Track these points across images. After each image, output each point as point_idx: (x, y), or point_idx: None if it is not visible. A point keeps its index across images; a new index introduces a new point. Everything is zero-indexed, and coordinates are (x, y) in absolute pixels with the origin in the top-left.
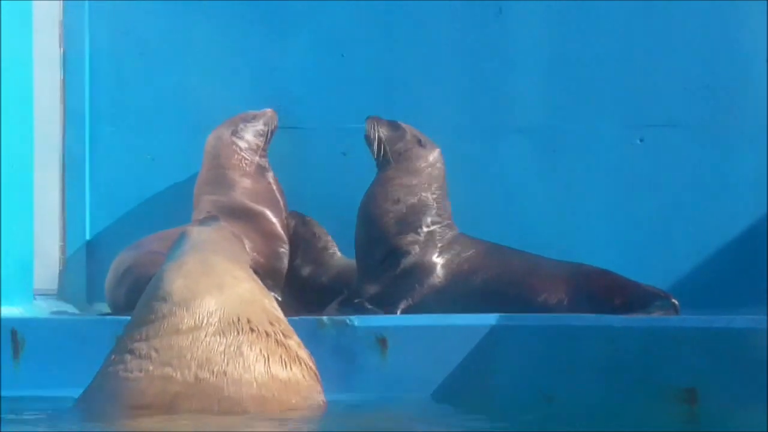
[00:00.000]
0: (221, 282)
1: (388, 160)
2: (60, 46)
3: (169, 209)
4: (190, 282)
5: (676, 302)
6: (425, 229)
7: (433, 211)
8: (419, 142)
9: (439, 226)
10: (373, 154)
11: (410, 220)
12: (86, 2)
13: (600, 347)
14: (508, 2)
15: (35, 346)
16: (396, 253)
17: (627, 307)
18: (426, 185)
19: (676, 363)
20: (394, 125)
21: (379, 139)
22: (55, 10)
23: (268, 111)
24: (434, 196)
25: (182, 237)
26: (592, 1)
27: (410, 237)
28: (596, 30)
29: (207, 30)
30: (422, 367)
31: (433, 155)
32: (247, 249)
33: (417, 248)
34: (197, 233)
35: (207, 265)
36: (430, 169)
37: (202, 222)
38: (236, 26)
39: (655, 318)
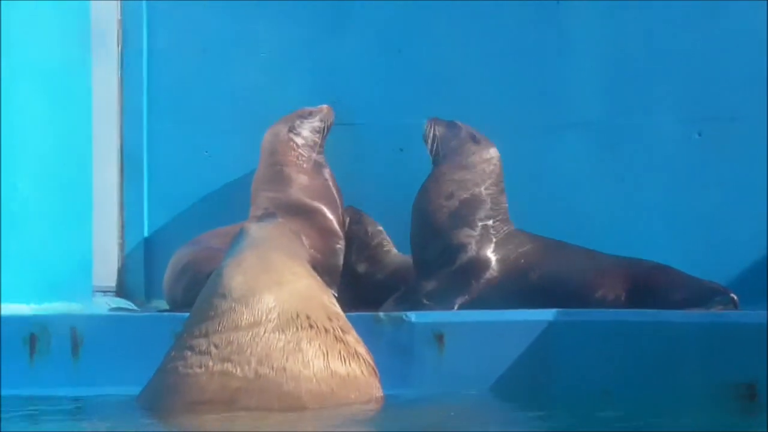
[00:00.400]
0: (280, 278)
1: (443, 156)
2: (118, 45)
3: (227, 206)
4: (249, 278)
5: (736, 297)
6: (479, 224)
7: (487, 206)
8: (473, 139)
9: (493, 221)
10: (430, 152)
11: (463, 215)
12: (144, 1)
13: (659, 342)
14: None
15: (94, 343)
16: (451, 249)
17: (686, 303)
18: (479, 181)
19: (735, 358)
20: (450, 124)
21: (434, 136)
22: (114, 9)
23: (325, 107)
24: (488, 191)
25: (241, 233)
26: None
27: (464, 232)
28: (654, 23)
29: (264, 27)
30: (479, 363)
31: (488, 152)
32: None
33: (472, 244)
34: (256, 230)
35: (266, 262)
36: (484, 165)
37: (260, 219)
38: (293, 22)
39: (714, 313)
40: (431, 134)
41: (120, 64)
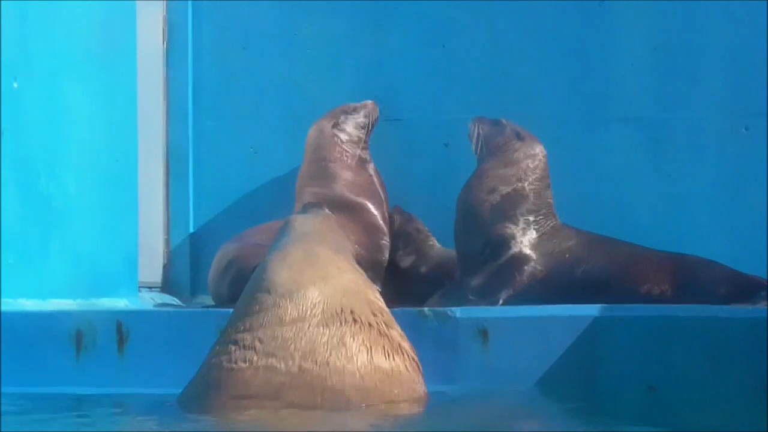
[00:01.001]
0: (325, 273)
1: (487, 154)
2: (163, 42)
3: (272, 202)
4: (294, 273)
5: None
6: (520, 218)
7: (530, 201)
8: (518, 135)
9: (535, 215)
10: (475, 151)
11: (504, 209)
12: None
13: (705, 338)
14: None
15: (140, 339)
16: (494, 243)
17: (732, 298)
18: (523, 176)
19: None
20: (495, 122)
21: (479, 134)
22: (159, 5)
23: (369, 103)
24: (532, 187)
25: (286, 226)
26: None
27: (506, 226)
28: (699, 17)
29: (309, 23)
30: (524, 359)
31: (533, 148)
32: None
33: (516, 238)
34: (301, 223)
35: (311, 256)
36: (528, 161)
37: (306, 207)
38: (338, 18)
39: (760, 309)
40: (476, 133)
41: (165, 61)
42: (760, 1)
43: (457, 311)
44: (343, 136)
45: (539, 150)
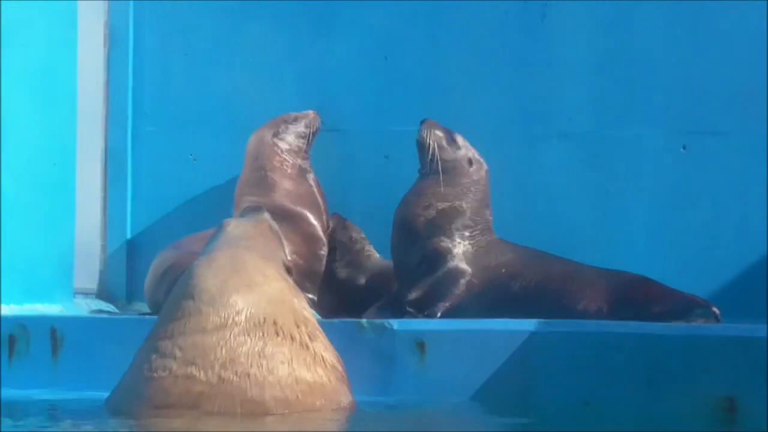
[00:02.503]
0: (250, 280)
1: (434, 171)
2: (104, 46)
3: (210, 210)
4: (219, 279)
5: (717, 311)
6: (456, 233)
7: (466, 217)
8: (469, 162)
9: (471, 230)
10: (421, 158)
11: (440, 224)
12: (131, 2)
13: (640, 354)
14: (552, 7)
15: (74, 345)
16: (430, 257)
17: (667, 315)
18: (462, 196)
19: (715, 371)
20: (449, 137)
21: (433, 149)
22: (101, 9)
23: (310, 113)
24: (469, 205)
25: (219, 230)
26: (637, 6)
27: (442, 240)
28: (641, 36)
29: (251, 30)
30: (461, 372)
31: (479, 174)
32: (286, 249)
33: (451, 252)
34: (234, 227)
35: (238, 263)
36: (470, 184)
37: (245, 211)
38: (280, 27)
39: (695, 326)
40: (430, 145)
41: (106, 65)
42: (700, 21)
43: (395, 323)
44: (283, 146)
45: (485, 175)
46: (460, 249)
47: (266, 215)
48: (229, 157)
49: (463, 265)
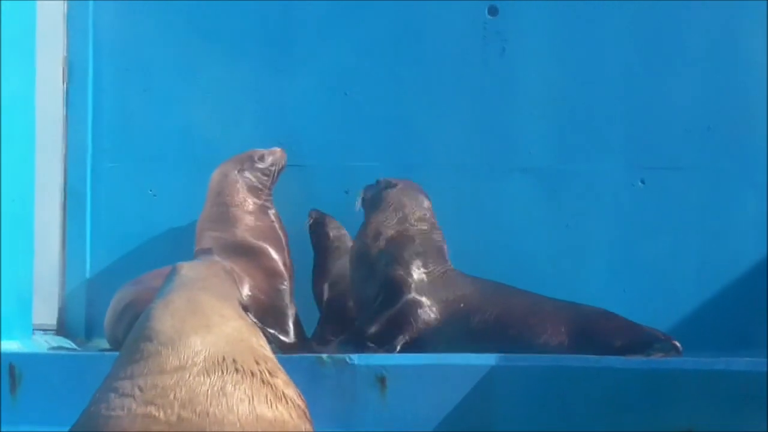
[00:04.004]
0: (208, 321)
1: (369, 207)
2: (63, 82)
3: (171, 246)
4: (176, 321)
5: (678, 344)
6: (410, 261)
7: (416, 243)
8: (389, 184)
9: (423, 258)
10: (359, 209)
11: (391, 252)
12: (90, 38)
13: (599, 388)
14: (511, 42)
15: (33, 381)
16: (387, 289)
17: (627, 349)
18: (403, 218)
19: (675, 404)
20: (377, 190)
21: (362, 199)
22: (59, 45)
23: (277, 150)
24: (416, 228)
25: (172, 273)
26: (596, 41)
27: (396, 269)
28: (599, 71)
29: (211, 66)
30: (422, 406)
31: (408, 191)
32: (248, 285)
33: (407, 283)
34: (187, 269)
35: (194, 304)
36: (406, 203)
37: (197, 254)
38: (240, 62)
39: (653, 360)
40: (359, 200)
41: (65, 101)
42: (659, 56)
43: (356, 358)
44: (248, 182)
45: (416, 190)
46: (416, 280)
47: (216, 257)
48: (189, 193)
49: (421, 298)
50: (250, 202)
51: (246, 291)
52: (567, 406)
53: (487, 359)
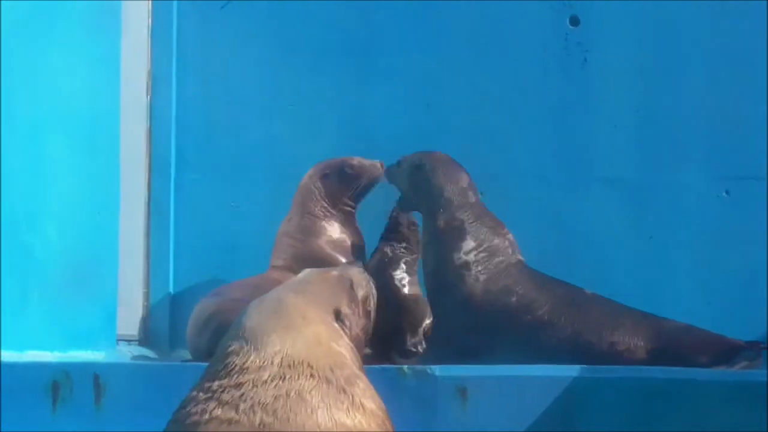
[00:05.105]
0: (288, 322)
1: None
2: (147, 95)
3: (252, 257)
4: (262, 318)
5: (764, 345)
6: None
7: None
8: (417, 168)
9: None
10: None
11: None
12: (174, 52)
13: (684, 400)
14: (593, 53)
15: (117, 392)
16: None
17: (712, 362)
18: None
19: (762, 417)
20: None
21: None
22: (143, 59)
23: (373, 163)
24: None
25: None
26: (678, 51)
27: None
28: (681, 80)
29: (294, 78)
30: (503, 418)
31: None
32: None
33: (465, 277)
34: (303, 273)
35: (281, 304)
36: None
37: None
38: (323, 75)
39: (740, 372)
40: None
41: (149, 114)
42: (742, 65)
43: (436, 369)
44: (328, 188)
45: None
46: (472, 271)
47: (357, 269)
48: (270, 204)
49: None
50: (329, 210)
51: None
52: (651, 419)
53: (569, 371)
